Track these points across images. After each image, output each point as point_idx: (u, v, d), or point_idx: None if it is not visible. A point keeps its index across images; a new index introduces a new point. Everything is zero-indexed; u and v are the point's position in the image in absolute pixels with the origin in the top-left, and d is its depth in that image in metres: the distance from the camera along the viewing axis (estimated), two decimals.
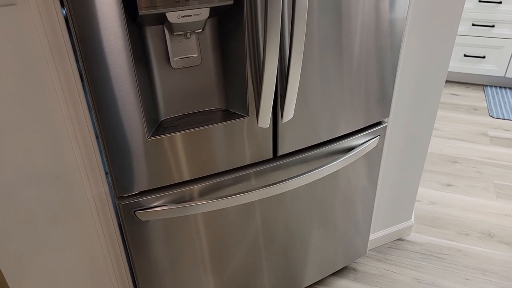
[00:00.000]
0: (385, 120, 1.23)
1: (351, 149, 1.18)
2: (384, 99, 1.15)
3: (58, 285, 1.02)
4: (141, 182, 0.92)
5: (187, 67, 0.89)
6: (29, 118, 0.80)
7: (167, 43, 0.85)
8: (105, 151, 0.85)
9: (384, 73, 1.11)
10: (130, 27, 0.76)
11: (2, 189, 0.85)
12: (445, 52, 1.28)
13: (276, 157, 1.07)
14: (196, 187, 0.99)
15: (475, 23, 2.74)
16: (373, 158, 1.26)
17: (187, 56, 0.87)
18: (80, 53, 0.74)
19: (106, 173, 0.95)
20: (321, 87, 1.02)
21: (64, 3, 0.70)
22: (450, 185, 2.01)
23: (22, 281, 0.97)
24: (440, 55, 1.28)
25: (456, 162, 2.18)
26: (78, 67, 0.82)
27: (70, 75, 0.81)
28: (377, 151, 1.25)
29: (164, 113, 0.93)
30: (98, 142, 0.91)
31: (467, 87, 2.98)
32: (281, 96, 0.97)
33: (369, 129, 1.19)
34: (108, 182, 0.96)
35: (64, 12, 0.76)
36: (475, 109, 2.70)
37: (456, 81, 3.07)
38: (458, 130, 2.47)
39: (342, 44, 0.99)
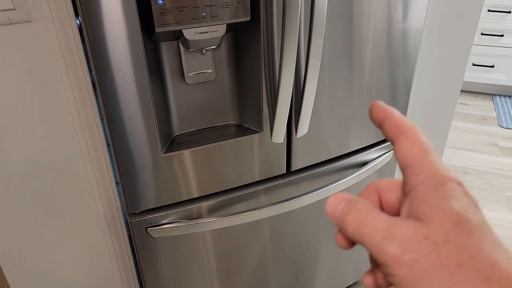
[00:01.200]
0: None
1: (363, 163, 1.16)
2: None
3: None
4: (154, 198, 0.90)
5: (202, 82, 0.88)
6: (43, 130, 0.79)
7: (182, 58, 0.84)
8: (118, 167, 0.84)
9: (399, 86, 1.09)
10: (145, 42, 0.75)
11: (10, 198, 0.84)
12: (461, 63, 1.26)
13: (288, 172, 1.06)
14: (208, 203, 0.97)
15: (484, 32, 2.72)
16: (386, 173, 1.24)
17: (202, 71, 0.86)
18: (95, 69, 0.73)
19: (117, 183, 0.94)
20: (334, 101, 1.01)
21: (80, 21, 0.69)
22: None
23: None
24: (455, 67, 1.26)
25: (466, 173, 2.15)
26: (92, 82, 0.81)
27: (84, 90, 0.80)
28: (390, 165, 1.23)
29: (178, 128, 0.92)
30: (111, 158, 0.90)
31: (476, 96, 2.96)
32: (295, 111, 0.95)
33: (383, 144, 1.17)
34: (120, 199, 0.95)
35: (79, 22, 0.75)
36: (484, 119, 2.67)
37: (464, 90, 3.05)
38: (467, 140, 2.44)
39: (355, 56, 0.97)
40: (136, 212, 0.92)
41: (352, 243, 0.27)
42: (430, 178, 0.24)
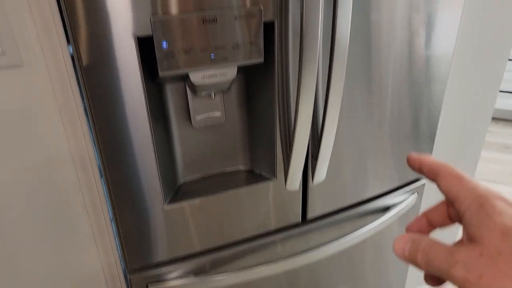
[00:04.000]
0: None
1: (385, 208, 1.06)
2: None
3: None
4: (156, 252, 0.82)
5: (210, 125, 0.81)
6: (35, 179, 0.72)
7: (189, 101, 0.77)
8: (116, 220, 0.76)
9: (424, 127, 1.00)
10: (148, 84, 0.68)
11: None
12: (491, 92, 1.17)
13: (304, 221, 0.97)
14: (217, 256, 0.88)
15: (510, 58, 2.62)
16: (409, 217, 1.14)
17: (210, 115, 0.79)
18: (92, 115, 0.66)
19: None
20: (353, 142, 0.92)
21: (77, 66, 0.63)
22: None
23: None
24: (485, 96, 1.17)
25: None
26: (89, 127, 0.74)
27: (81, 137, 0.73)
28: (415, 210, 1.13)
29: (183, 175, 0.84)
30: (109, 209, 0.82)
31: (497, 123, 2.84)
32: (312, 156, 0.87)
33: (406, 187, 1.08)
34: (119, 251, 0.87)
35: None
36: (506, 147, 2.55)
37: None
38: (489, 171, 2.32)
39: (376, 93, 0.89)
40: (136, 267, 0.83)
41: (440, 280, 0.32)
42: (472, 203, 0.28)
